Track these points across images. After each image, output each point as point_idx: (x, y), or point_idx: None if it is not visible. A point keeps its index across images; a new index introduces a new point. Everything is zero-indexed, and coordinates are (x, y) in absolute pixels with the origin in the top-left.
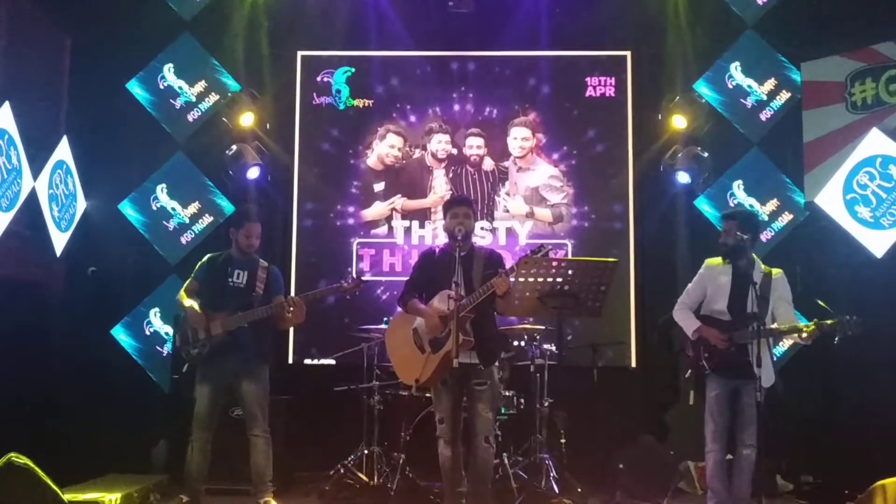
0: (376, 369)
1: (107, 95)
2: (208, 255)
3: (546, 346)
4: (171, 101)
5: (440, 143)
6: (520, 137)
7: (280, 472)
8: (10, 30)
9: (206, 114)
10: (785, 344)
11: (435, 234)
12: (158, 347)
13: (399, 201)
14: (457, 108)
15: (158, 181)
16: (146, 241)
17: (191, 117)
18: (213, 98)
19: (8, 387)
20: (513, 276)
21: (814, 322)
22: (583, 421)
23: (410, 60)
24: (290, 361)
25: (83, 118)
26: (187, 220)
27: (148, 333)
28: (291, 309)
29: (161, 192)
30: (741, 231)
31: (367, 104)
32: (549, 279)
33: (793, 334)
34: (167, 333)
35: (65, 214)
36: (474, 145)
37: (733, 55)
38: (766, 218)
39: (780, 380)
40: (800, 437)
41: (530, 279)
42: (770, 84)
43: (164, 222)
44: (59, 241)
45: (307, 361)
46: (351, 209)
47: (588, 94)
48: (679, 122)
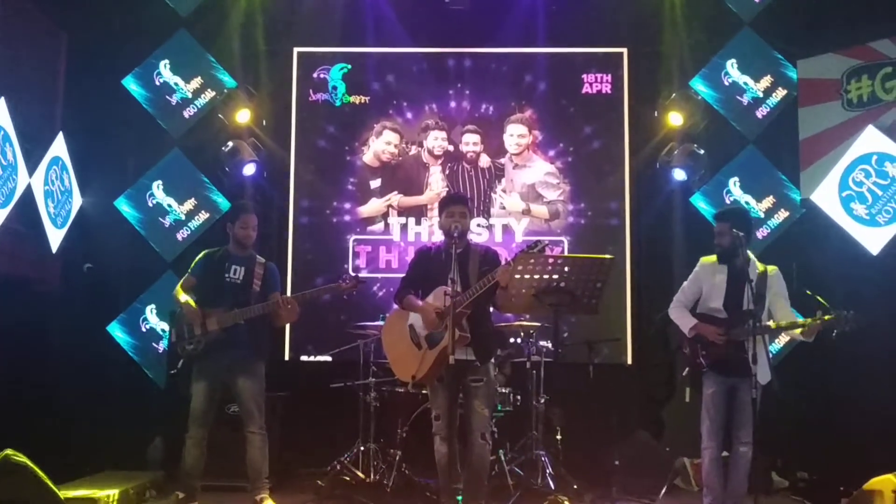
0: (373, 366)
1: (103, 92)
2: (205, 251)
3: (542, 342)
4: (168, 97)
5: (436, 140)
6: (516, 134)
7: (276, 468)
8: (5, 26)
9: (202, 110)
10: (781, 341)
11: (431, 230)
12: (154, 344)
13: (395, 198)
14: (453, 104)
15: (154, 178)
16: (142, 238)
17: (187, 114)
18: (210, 94)
19: (3, 384)
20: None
21: (813, 317)
22: (579, 418)
23: (407, 57)
24: (287, 358)
25: (79, 114)
26: (183, 217)
27: (144, 330)
28: (287, 307)
29: (157, 188)
30: (736, 229)
31: (363, 101)
32: (546, 276)
33: (793, 330)
34: (163, 330)
35: (60, 211)
36: (471, 142)
37: (730, 52)
38: (762, 215)
39: (776, 377)
40: (795, 434)
41: (526, 276)
42: (766, 81)
43: (160, 219)
44: (55, 237)
45: (304, 358)
46: (347, 206)
47: (584, 90)
48: (675, 119)
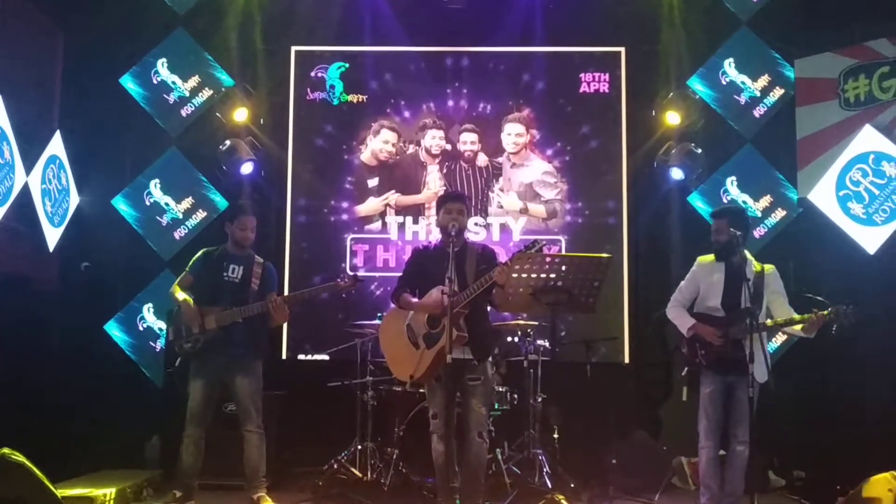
0: (370, 365)
1: (100, 90)
2: (203, 250)
3: (539, 341)
4: (165, 96)
5: (434, 139)
6: (514, 133)
7: (273, 467)
8: (2, 24)
9: (199, 109)
10: (778, 340)
11: (429, 229)
12: (152, 343)
13: (393, 197)
14: (451, 103)
15: (152, 176)
16: (139, 237)
17: (184, 112)
18: (207, 93)
19: (1, 382)
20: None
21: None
22: (576, 416)
23: (404, 56)
24: (284, 357)
25: (76, 113)
26: (181, 216)
27: (141, 329)
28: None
29: (154, 187)
30: (733, 228)
31: (361, 100)
32: (543, 275)
33: (793, 327)
34: (160, 329)
35: (58, 209)
36: (468, 141)
37: (727, 51)
38: (760, 214)
39: (773, 376)
40: (792, 433)
41: (524, 275)
42: (764, 80)
43: (158, 217)
44: (52, 236)
45: (301, 357)
46: (345, 205)
47: (582, 90)
48: (673, 118)
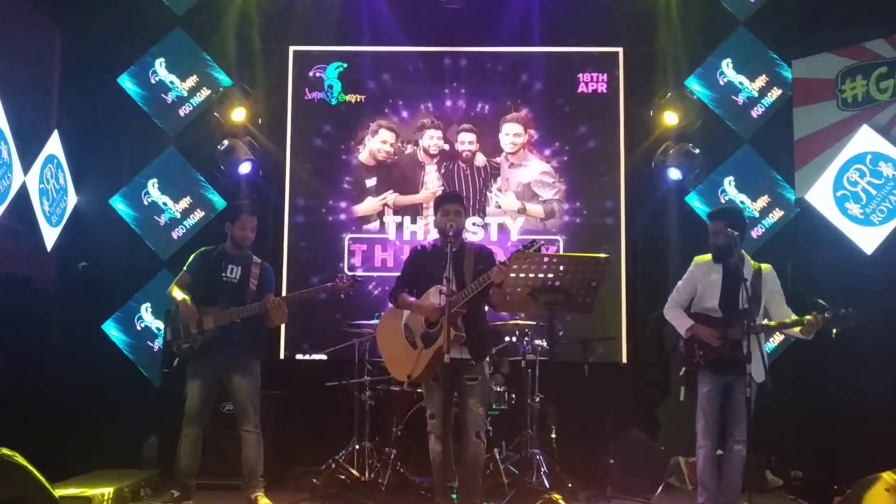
0: (368, 365)
1: (98, 90)
2: (201, 249)
3: (537, 341)
4: (163, 95)
5: (432, 139)
6: (512, 133)
7: (271, 467)
8: (0, 23)
9: (197, 109)
10: (776, 340)
11: (427, 229)
12: (149, 342)
13: (391, 197)
14: (449, 103)
15: (150, 176)
16: (137, 236)
17: (182, 112)
18: (205, 93)
19: None
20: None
21: (812, 315)
22: (574, 416)
23: (403, 56)
24: (282, 357)
25: (74, 112)
26: (179, 215)
27: (139, 328)
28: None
29: (152, 186)
30: (731, 228)
31: (359, 99)
32: (541, 275)
33: (792, 329)
34: (158, 328)
35: (55, 209)
36: (466, 141)
37: (725, 52)
38: (757, 214)
39: (770, 375)
40: (790, 433)
41: (522, 274)
42: (761, 81)
43: (156, 217)
44: (50, 235)
45: (299, 357)
46: (343, 205)
47: (580, 90)
48: (671, 118)
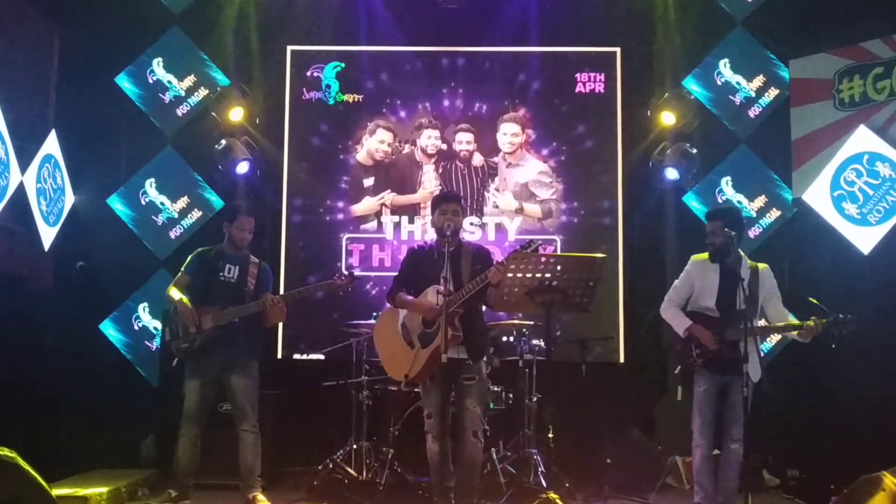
0: (365, 364)
1: (95, 89)
2: (199, 249)
3: (534, 341)
4: (161, 95)
5: (430, 139)
6: (509, 133)
7: (269, 466)
8: None
9: (195, 108)
10: (772, 340)
11: (424, 229)
12: (147, 342)
13: (389, 196)
14: (446, 103)
15: (147, 176)
16: (135, 236)
17: (180, 112)
18: (203, 92)
19: None
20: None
21: (813, 319)
22: (571, 416)
23: (400, 56)
24: (280, 356)
25: (72, 112)
26: (176, 215)
27: (137, 328)
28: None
29: (150, 186)
30: (728, 228)
31: (356, 99)
32: (538, 275)
33: (791, 332)
34: (156, 328)
35: (53, 209)
36: (464, 141)
37: (722, 52)
38: (754, 214)
39: (767, 375)
40: (787, 432)
41: (519, 274)
42: (758, 81)
43: (153, 217)
44: (47, 235)
45: (296, 356)
46: (340, 204)
47: (578, 90)
48: (668, 118)
